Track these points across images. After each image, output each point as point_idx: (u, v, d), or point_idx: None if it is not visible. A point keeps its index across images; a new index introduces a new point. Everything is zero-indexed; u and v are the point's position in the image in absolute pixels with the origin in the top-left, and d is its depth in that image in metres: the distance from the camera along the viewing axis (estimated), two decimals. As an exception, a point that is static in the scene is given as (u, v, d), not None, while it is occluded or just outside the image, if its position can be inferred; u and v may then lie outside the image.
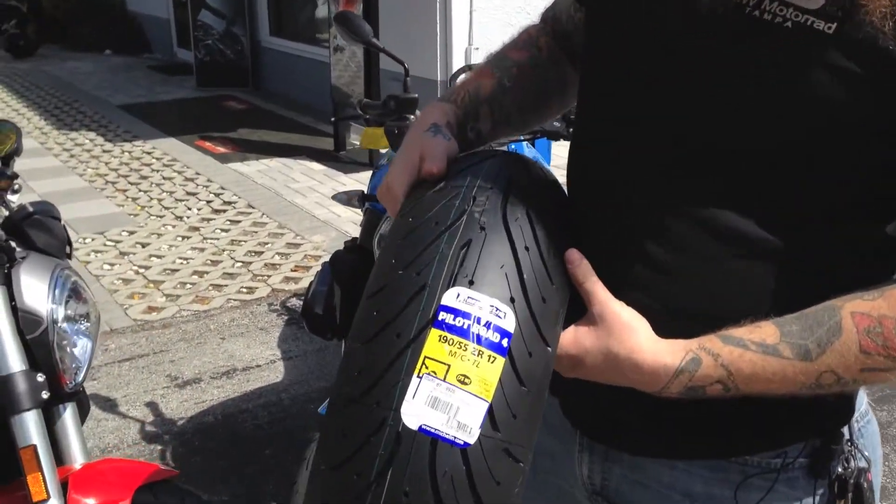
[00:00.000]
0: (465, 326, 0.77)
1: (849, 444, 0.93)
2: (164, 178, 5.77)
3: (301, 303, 4.01)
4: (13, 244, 1.59)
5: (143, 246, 4.58)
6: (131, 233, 4.75)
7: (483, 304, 0.78)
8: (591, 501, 1.06)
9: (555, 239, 0.86)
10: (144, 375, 3.31)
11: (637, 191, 0.91)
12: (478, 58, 5.72)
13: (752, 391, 0.83)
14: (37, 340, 1.57)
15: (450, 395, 0.75)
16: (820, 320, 0.82)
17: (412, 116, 2.12)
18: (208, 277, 4.22)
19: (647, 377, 0.83)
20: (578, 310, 0.88)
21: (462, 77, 2.43)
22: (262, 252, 4.53)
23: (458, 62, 5.98)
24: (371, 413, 0.76)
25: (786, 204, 0.85)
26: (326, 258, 4.41)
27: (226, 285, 4.13)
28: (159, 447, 2.84)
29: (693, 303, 0.88)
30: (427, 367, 0.76)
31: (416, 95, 2.16)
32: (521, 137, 2.36)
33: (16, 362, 1.53)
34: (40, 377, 1.55)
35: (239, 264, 4.38)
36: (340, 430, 0.78)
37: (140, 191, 5.49)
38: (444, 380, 0.75)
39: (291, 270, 4.31)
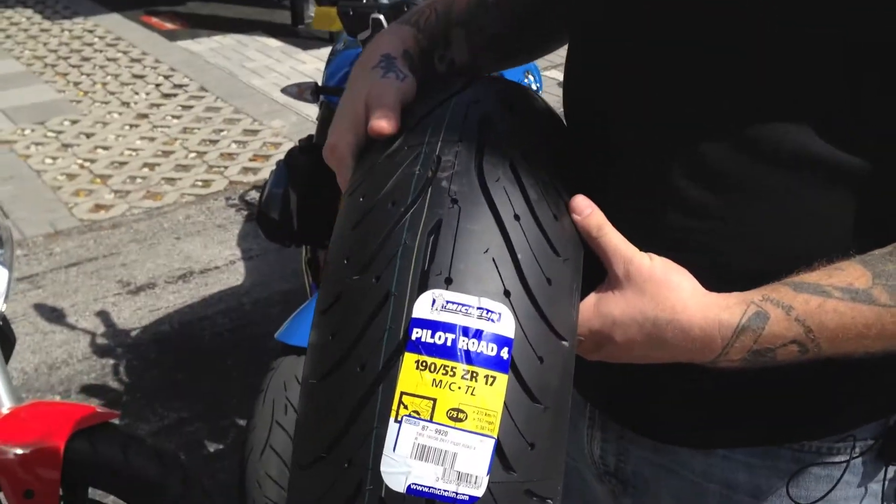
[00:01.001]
0: (449, 343, 0.57)
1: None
2: (107, 59, 5.35)
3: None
4: None
5: (88, 136, 4.25)
6: (74, 122, 4.40)
7: (469, 309, 0.58)
8: (601, 481, 0.88)
9: (554, 192, 0.64)
10: (94, 281, 3.07)
11: (661, 109, 0.69)
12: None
13: (838, 351, 0.63)
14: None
15: (441, 440, 0.56)
16: None
17: (370, -5, 1.82)
18: (160, 170, 3.93)
19: (698, 343, 0.63)
20: (596, 274, 0.66)
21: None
22: (218, 140, 4.23)
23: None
24: (344, 476, 0.57)
25: (855, 107, 0.64)
26: (287, 146, 4.14)
27: (179, 178, 3.85)
28: (111, 361, 2.64)
29: (744, 254, 0.67)
30: (406, 407, 0.57)
31: (375, -34, 1.86)
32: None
33: None
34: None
35: (193, 154, 4.08)
36: (316, 496, 0.59)
37: (82, 74, 5.08)
38: (430, 420, 0.56)
39: (250, 160, 4.03)
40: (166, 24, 6.06)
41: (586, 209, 0.65)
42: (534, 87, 2.28)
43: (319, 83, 2.02)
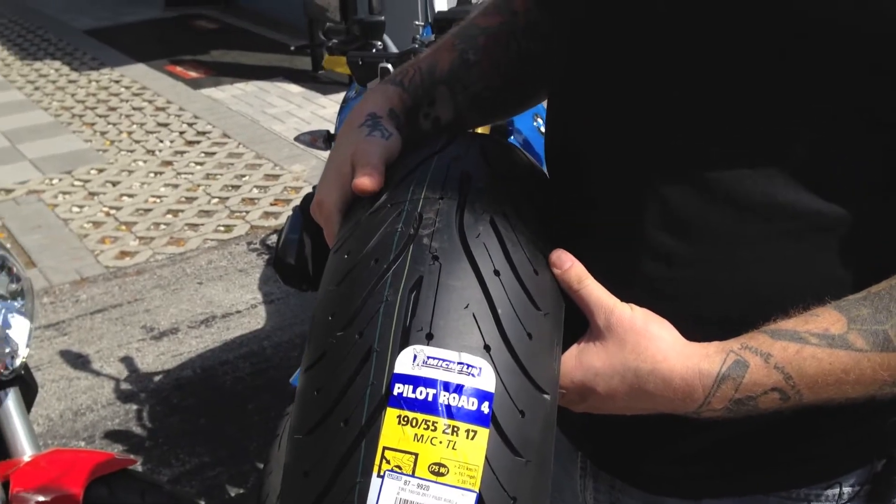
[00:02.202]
0: (430, 398, 0.58)
1: (917, 465, 0.75)
2: (133, 108, 5.48)
3: (281, 240, 3.81)
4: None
5: (114, 184, 4.34)
6: (100, 170, 4.50)
7: (450, 364, 0.59)
8: (596, 526, 0.89)
9: (534, 247, 0.66)
10: (118, 328, 3.13)
11: (636, 160, 0.71)
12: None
13: (819, 398, 0.64)
14: (-41, 329, 1.38)
15: (423, 495, 0.57)
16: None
17: (379, 43, 1.88)
18: (183, 216, 4.00)
19: (679, 393, 0.65)
20: (578, 326, 0.68)
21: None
22: (240, 186, 4.31)
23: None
24: None
25: (829, 157, 0.66)
26: (307, 189, 4.20)
27: (202, 224, 3.92)
28: (135, 406, 2.68)
29: (718, 301, 0.69)
30: (389, 462, 0.58)
31: (383, 18, 1.91)
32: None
33: (-67, 357, 1.34)
34: (-35, 371, 1.37)
35: (215, 200, 4.16)
36: None
37: (109, 124, 5.21)
38: (413, 475, 0.58)
39: (271, 204, 4.10)
40: (190, 73, 6.20)
41: (566, 262, 0.67)
42: (542, 129, 2.32)
43: (332, 131, 2.07)
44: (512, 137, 1.95)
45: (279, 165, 4.53)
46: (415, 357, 0.60)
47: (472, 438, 0.59)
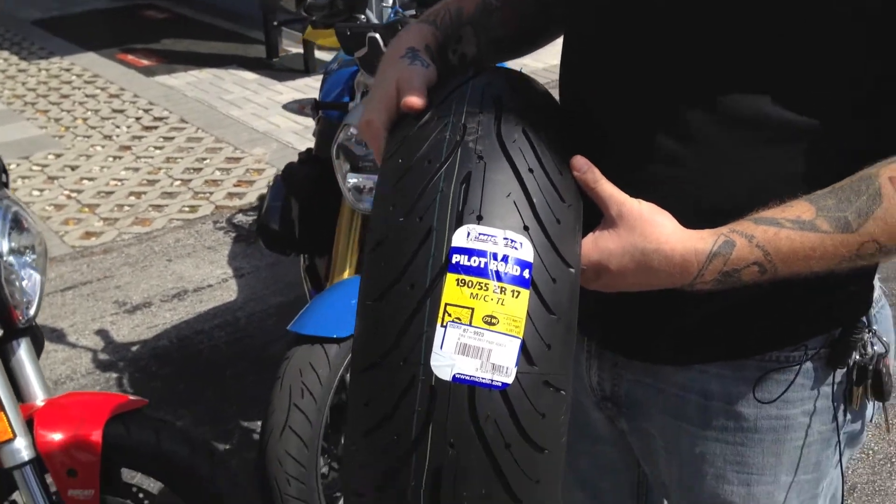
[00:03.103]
0: (482, 265, 0.72)
1: (868, 331, 0.90)
2: (86, 95, 5.46)
3: (248, 219, 3.90)
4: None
5: (73, 169, 4.36)
6: (58, 155, 4.50)
7: (497, 239, 0.72)
8: (600, 407, 1.03)
9: (558, 153, 0.80)
10: (90, 303, 3.18)
11: (643, 80, 0.85)
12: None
13: (790, 271, 0.78)
14: (-18, 275, 1.46)
15: (479, 339, 0.70)
16: (857, 190, 0.77)
17: (362, 16, 1.99)
18: (146, 198, 4.04)
19: (678, 267, 0.78)
20: (594, 218, 0.82)
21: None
22: (201, 168, 4.36)
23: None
24: (399, 372, 0.71)
25: (803, 79, 0.80)
26: (270, 171, 4.29)
27: (166, 205, 3.97)
28: (115, 375, 2.74)
29: (714, 196, 0.83)
30: (450, 315, 0.71)
31: (366, -9, 2.03)
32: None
33: (-39, 299, 1.42)
34: (-10, 313, 1.45)
35: (178, 182, 4.20)
36: (371, 395, 0.73)
37: (62, 111, 5.19)
38: (469, 324, 0.71)
39: (234, 185, 4.16)
40: (142, 61, 6.19)
41: (584, 166, 0.80)
42: None
43: (317, 98, 2.18)
44: None
45: (240, 149, 4.59)
46: (468, 234, 0.72)
47: (517, 297, 0.72)
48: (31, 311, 1.56)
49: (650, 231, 0.79)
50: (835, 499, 1.02)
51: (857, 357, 0.90)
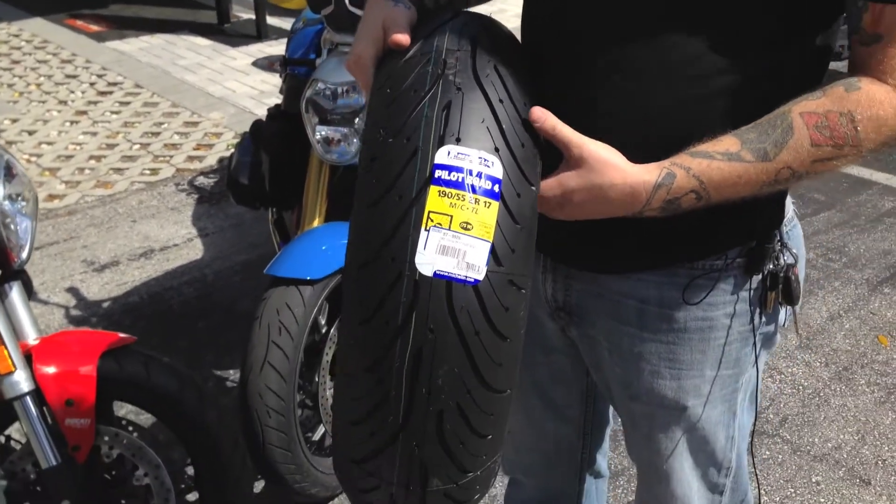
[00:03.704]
0: (460, 179, 0.84)
1: (779, 243, 1.07)
2: (38, 61, 5.43)
3: (209, 181, 3.99)
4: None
5: (30, 133, 4.37)
6: (14, 120, 4.51)
7: (472, 157, 0.85)
8: (554, 317, 1.18)
9: (523, 87, 0.93)
10: (58, 262, 3.25)
11: (592, 23, 0.98)
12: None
13: (721, 197, 0.93)
14: (-21, 220, 1.55)
15: (456, 242, 0.83)
16: (773, 124, 0.92)
17: (328, -24, 2.10)
18: (107, 161, 4.09)
19: (630, 197, 0.92)
20: (555, 158, 0.96)
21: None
22: (160, 133, 4.41)
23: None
24: (388, 268, 0.83)
25: (729, 25, 0.94)
26: (228, 135, 4.36)
27: (127, 168, 4.03)
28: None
29: (656, 127, 0.97)
30: (432, 220, 0.83)
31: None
32: None
33: (-38, 242, 1.51)
34: (-11, 256, 1.55)
35: (137, 146, 4.25)
36: (364, 289, 0.85)
37: (14, 76, 5.16)
38: (449, 229, 0.83)
39: (194, 149, 4.23)
40: (92, 27, 6.15)
41: (541, 116, 0.92)
42: None
43: (285, 55, 2.28)
44: None
45: (197, 113, 4.64)
46: (448, 152, 0.86)
47: (489, 207, 0.85)
48: (24, 255, 1.66)
49: (606, 170, 0.92)
50: (752, 395, 1.19)
51: (771, 266, 1.07)
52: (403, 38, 0.94)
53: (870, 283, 3.07)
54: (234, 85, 5.01)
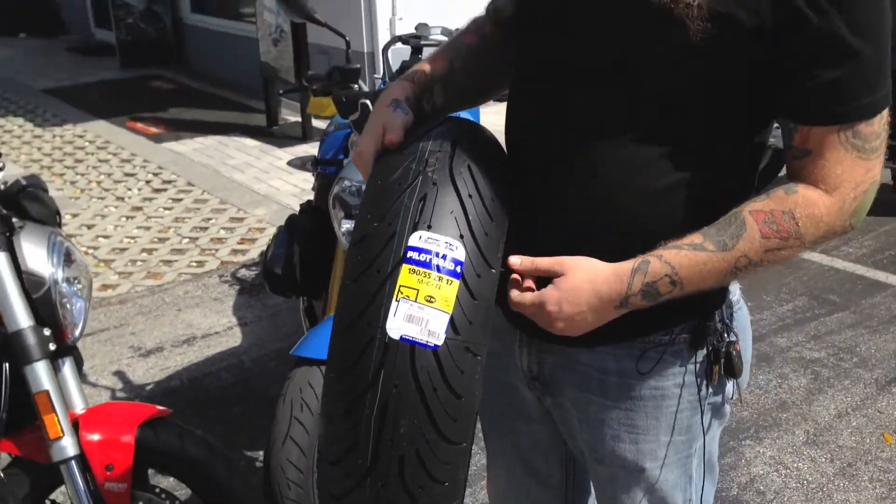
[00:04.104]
0: (428, 260, 1.01)
1: (720, 323, 1.22)
2: (99, 160, 5.84)
3: (251, 273, 4.23)
4: (11, 216, 1.78)
5: (89, 227, 4.69)
6: (75, 215, 4.85)
7: (440, 242, 1.02)
8: (530, 387, 1.33)
9: (493, 185, 1.10)
10: (108, 348, 3.47)
11: (560, 132, 1.15)
12: (402, 28, 5.91)
13: (692, 284, 1.07)
14: (41, 299, 1.76)
15: (421, 312, 1.00)
16: (729, 222, 1.08)
17: (355, 86, 2.34)
18: (157, 254, 4.37)
19: (615, 286, 1.07)
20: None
21: (392, 51, 2.66)
22: (207, 227, 4.70)
23: (382, 33, 6.16)
24: (364, 331, 1.00)
25: (679, 133, 1.11)
26: (270, 230, 4.63)
27: (175, 260, 4.30)
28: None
29: (620, 223, 1.13)
30: (402, 293, 1.00)
31: (358, 66, 2.39)
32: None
33: (25, 319, 1.72)
34: (46, 331, 1.75)
35: (186, 240, 4.54)
36: (342, 347, 1.02)
37: (77, 174, 5.56)
38: (415, 301, 1.00)
39: (238, 243, 4.49)
40: (151, 129, 6.59)
41: (517, 262, 1.08)
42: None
43: (317, 155, 2.52)
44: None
45: (243, 210, 4.94)
46: (420, 237, 1.02)
47: (450, 285, 1.01)
48: (77, 332, 1.87)
49: (590, 272, 1.08)
50: (710, 464, 1.32)
51: (714, 342, 1.21)
52: (396, 138, 1.13)
53: (878, 383, 3.13)
54: (279, 183, 5.32)
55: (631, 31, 1.08)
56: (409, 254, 1.01)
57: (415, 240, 1.02)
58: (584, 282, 1.08)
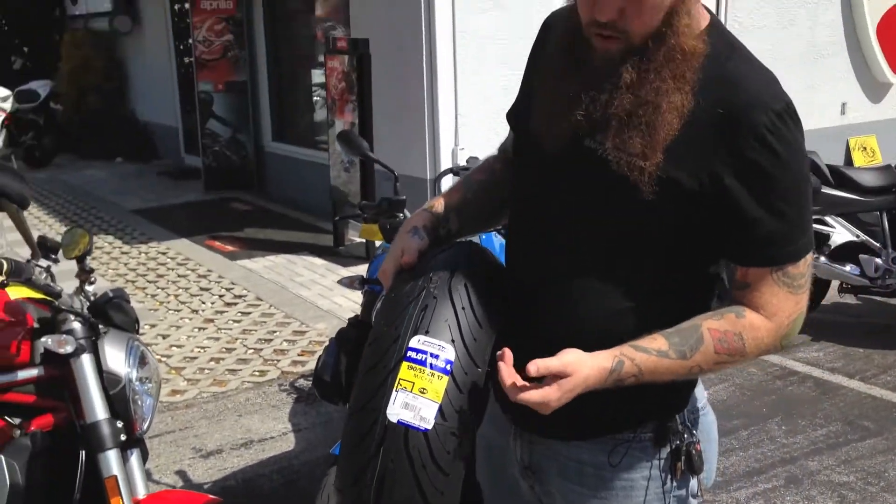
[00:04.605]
0: (423, 359, 1.26)
1: (682, 425, 1.41)
2: (178, 275, 6.29)
3: (308, 383, 4.50)
4: (98, 323, 2.09)
5: (164, 337, 5.07)
6: (153, 326, 5.24)
7: (434, 344, 1.27)
8: (523, 475, 1.53)
9: (484, 299, 1.35)
10: (172, 449, 3.74)
11: (544, 265, 1.41)
12: (463, 157, 6.32)
13: (651, 379, 1.29)
14: (116, 395, 2.05)
15: (415, 401, 1.23)
16: (690, 334, 1.30)
17: (401, 215, 2.64)
18: (224, 363, 4.69)
19: (596, 382, 1.27)
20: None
21: (444, 180, 3.01)
22: (272, 339, 5.02)
23: (445, 161, 6.58)
24: (370, 415, 1.24)
25: (644, 264, 1.34)
26: (325, 342, 4.90)
27: (240, 369, 4.60)
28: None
29: (593, 335, 1.34)
30: (401, 385, 1.24)
31: (405, 197, 2.70)
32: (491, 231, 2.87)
33: (102, 412, 2.00)
34: (119, 423, 2.03)
35: (251, 351, 4.85)
36: (353, 428, 1.27)
37: (158, 288, 6.00)
38: (410, 392, 1.24)
39: (298, 355, 4.79)
40: (227, 247, 7.06)
41: (533, 370, 1.23)
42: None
43: (364, 276, 2.81)
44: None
45: (305, 324, 5.26)
46: (419, 340, 1.27)
47: (440, 379, 1.24)
48: (145, 426, 2.14)
49: (582, 366, 1.28)
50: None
51: (678, 442, 1.40)
52: (410, 260, 1.40)
53: (910, 505, 3.17)
54: (341, 300, 5.65)
55: (598, 190, 1.34)
56: (409, 353, 1.26)
57: (414, 342, 1.27)
58: (580, 383, 1.28)
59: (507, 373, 1.25)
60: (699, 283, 1.39)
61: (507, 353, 1.27)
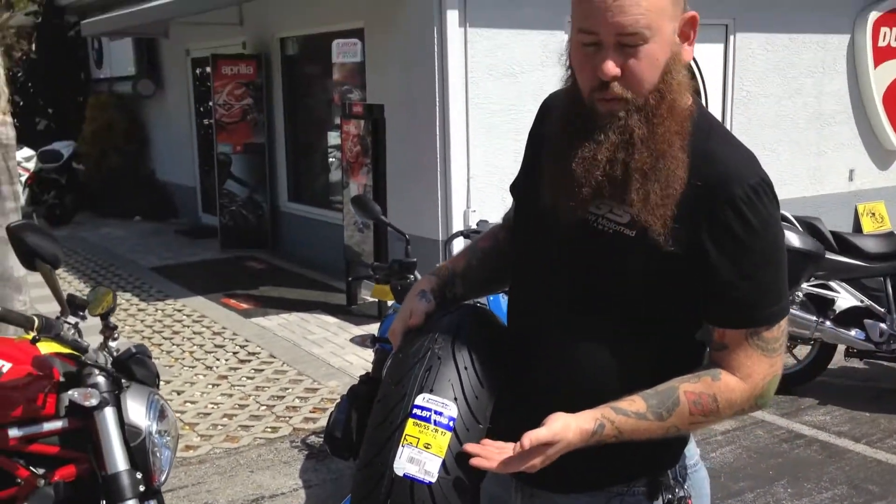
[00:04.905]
0: (428, 416, 1.35)
1: (673, 480, 1.49)
2: (194, 332, 6.40)
3: (319, 440, 4.56)
4: (121, 377, 2.20)
5: (179, 393, 5.15)
6: (167, 382, 5.33)
7: (438, 402, 1.37)
8: (525, 526, 1.61)
9: (486, 360, 1.45)
10: (185, 503, 3.80)
11: (540, 330, 1.51)
12: (474, 219, 6.46)
13: (629, 438, 1.38)
14: (137, 447, 2.14)
15: (420, 455, 1.33)
16: (667, 396, 1.39)
17: (412, 276, 2.76)
18: (237, 419, 4.76)
19: (578, 441, 1.36)
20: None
21: (455, 242, 3.14)
22: (284, 396, 5.09)
23: (457, 222, 6.72)
24: (378, 468, 1.34)
25: (633, 331, 1.44)
26: (337, 398, 4.97)
27: (253, 426, 4.67)
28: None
29: (582, 388, 1.45)
30: (407, 440, 1.34)
31: (415, 260, 2.82)
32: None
33: (122, 463, 2.10)
34: (138, 475, 2.12)
35: (263, 407, 4.93)
36: (362, 480, 1.36)
37: (173, 345, 6.11)
38: (416, 447, 1.33)
39: (310, 412, 4.86)
40: (242, 305, 7.18)
41: (527, 444, 1.32)
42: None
43: (376, 334, 2.91)
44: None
45: (317, 381, 5.34)
46: (424, 398, 1.37)
47: (444, 435, 1.34)
48: (163, 477, 2.22)
49: (568, 430, 1.36)
50: None
51: (669, 496, 1.48)
52: (417, 322, 1.50)
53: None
54: (353, 358, 5.73)
55: (594, 254, 1.45)
56: (415, 410, 1.36)
57: (420, 400, 1.37)
58: (563, 448, 1.37)
59: (489, 453, 1.34)
60: (685, 343, 1.48)
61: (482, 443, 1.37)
